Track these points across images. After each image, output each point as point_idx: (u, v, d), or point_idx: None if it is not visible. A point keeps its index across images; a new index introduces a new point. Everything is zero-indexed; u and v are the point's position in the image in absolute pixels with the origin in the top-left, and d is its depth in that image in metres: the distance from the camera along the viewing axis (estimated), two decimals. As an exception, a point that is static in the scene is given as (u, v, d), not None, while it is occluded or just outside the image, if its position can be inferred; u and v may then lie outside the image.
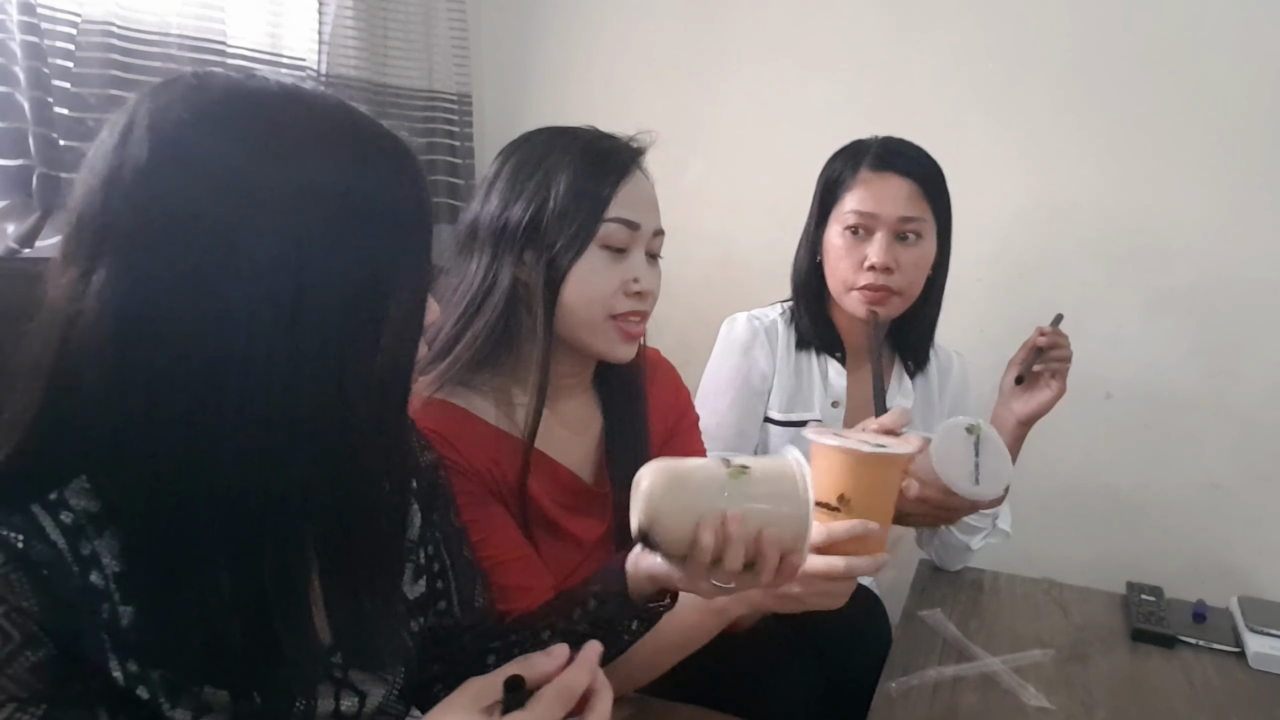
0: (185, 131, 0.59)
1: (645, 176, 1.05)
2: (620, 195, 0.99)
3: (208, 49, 1.47)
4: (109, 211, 0.58)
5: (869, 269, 1.32)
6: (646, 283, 1.02)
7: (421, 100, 1.90)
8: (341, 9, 1.72)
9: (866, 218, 1.33)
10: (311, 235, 0.59)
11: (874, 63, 1.85)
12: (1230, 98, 1.64)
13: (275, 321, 0.58)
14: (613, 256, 1.00)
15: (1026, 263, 1.80)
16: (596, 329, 1.01)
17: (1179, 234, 1.70)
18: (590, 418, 1.13)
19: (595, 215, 0.98)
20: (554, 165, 1.00)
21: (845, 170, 1.37)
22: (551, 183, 0.99)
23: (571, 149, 1.01)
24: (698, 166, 1.99)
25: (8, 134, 1.19)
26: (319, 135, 0.62)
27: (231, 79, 0.63)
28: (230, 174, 0.58)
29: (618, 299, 1.00)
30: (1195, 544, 1.72)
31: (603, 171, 1.00)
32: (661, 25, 1.99)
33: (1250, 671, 1.21)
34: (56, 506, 0.58)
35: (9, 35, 1.17)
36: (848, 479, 0.86)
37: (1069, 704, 1.08)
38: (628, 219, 0.99)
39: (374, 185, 0.63)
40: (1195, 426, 1.72)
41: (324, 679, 0.71)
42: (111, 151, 0.59)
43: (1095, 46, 1.71)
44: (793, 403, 1.43)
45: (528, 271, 1.00)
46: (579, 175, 0.99)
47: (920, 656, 1.18)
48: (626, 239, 1.00)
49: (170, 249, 0.57)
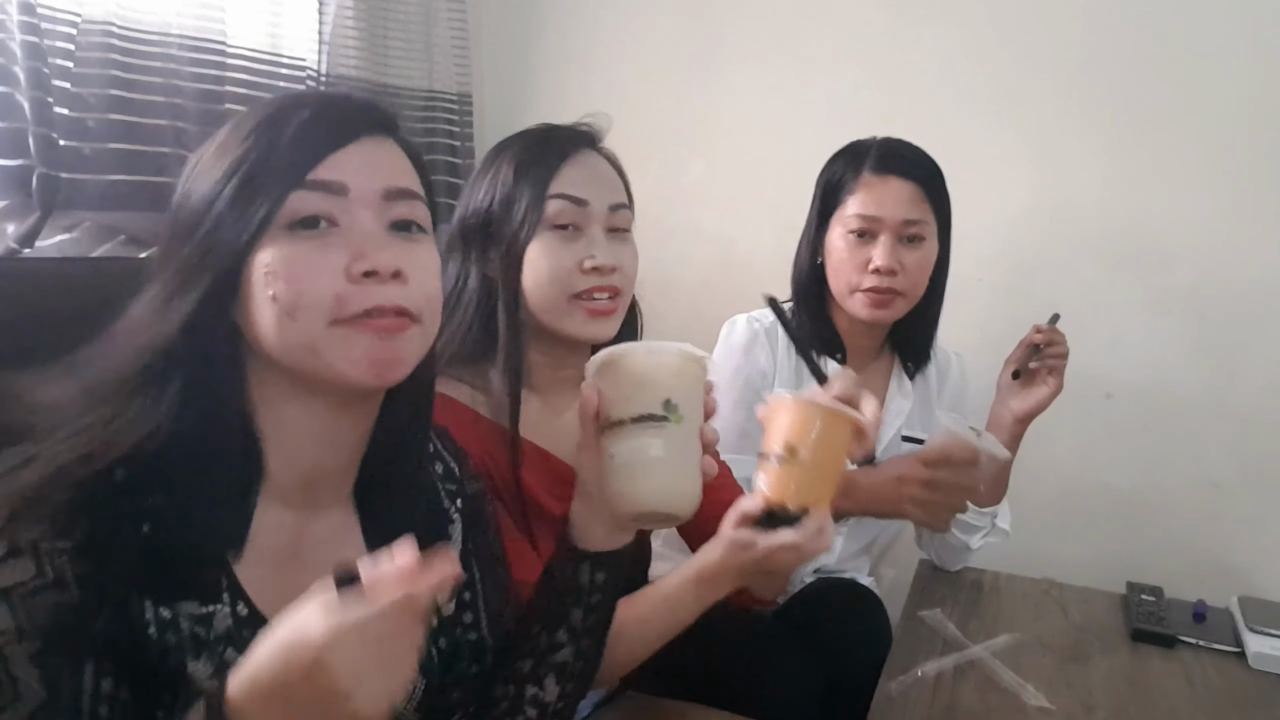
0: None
1: (599, 156, 1.06)
2: (563, 173, 1.01)
3: (208, 49, 1.47)
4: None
5: (873, 271, 1.32)
6: (604, 258, 1.01)
7: (421, 100, 1.90)
8: (341, 9, 1.71)
9: (870, 221, 1.33)
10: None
11: (874, 62, 1.85)
12: (1231, 98, 1.64)
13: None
14: (565, 235, 1.01)
15: (1026, 263, 1.80)
16: (561, 311, 1.01)
17: (1179, 234, 1.70)
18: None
19: (539, 196, 1.00)
20: (503, 158, 1.04)
21: (846, 173, 1.37)
22: (500, 174, 1.03)
23: (519, 141, 1.05)
24: (698, 166, 1.99)
25: (8, 134, 1.19)
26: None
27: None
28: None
29: (574, 277, 1.00)
30: (1195, 544, 1.72)
31: (543, 153, 1.02)
32: (661, 25, 1.99)
33: (1250, 671, 1.22)
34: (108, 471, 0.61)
35: (9, 35, 1.17)
36: (796, 429, 0.87)
37: (1069, 704, 1.08)
38: (572, 195, 1.00)
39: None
40: (1195, 426, 1.72)
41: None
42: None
43: (1095, 46, 1.71)
44: None
45: (492, 265, 1.03)
46: (522, 161, 1.02)
47: (920, 656, 1.18)
48: (575, 215, 1.01)
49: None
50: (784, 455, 0.87)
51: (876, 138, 1.39)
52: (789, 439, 0.87)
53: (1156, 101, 1.69)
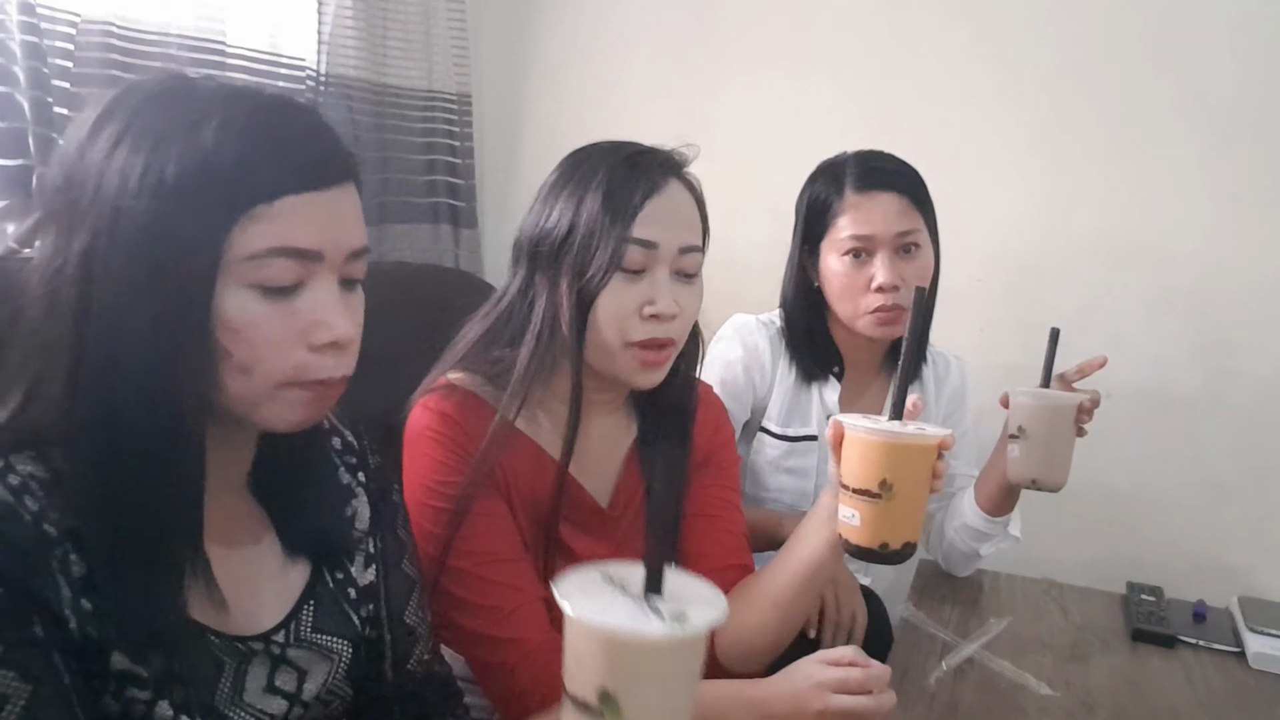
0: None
1: (684, 189, 1.00)
2: (646, 211, 0.95)
3: (207, 49, 1.48)
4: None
5: (877, 290, 1.31)
6: (665, 305, 0.95)
7: (421, 100, 1.90)
8: (341, 9, 1.71)
9: (864, 241, 1.31)
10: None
11: (874, 63, 1.85)
12: (1230, 98, 1.64)
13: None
14: (630, 278, 0.95)
15: (1026, 263, 1.80)
16: (615, 356, 0.97)
17: (1179, 234, 1.70)
18: (619, 438, 1.10)
19: (622, 238, 0.93)
20: (586, 182, 0.97)
21: (830, 194, 1.35)
22: (584, 201, 0.96)
23: (604, 164, 0.98)
24: (698, 166, 1.98)
25: (8, 134, 1.19)
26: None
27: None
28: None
29: (633, 324, 0.95)
30: (1195, 544, 1.72)
31: (631, 187, 0.95)
32: (661, 25, 1.99)
33: (1250, 671, 1.21)
34: (3, 472, 0.60)
35: (9, 35, 1.17)
36: (890, 465, 0.85)
37: (1069, 703, 1.08)
38: (644, 239, 0.94)
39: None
40: (1195, 426, 1.72)
41: (258, 655, 0.71)
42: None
43: (1095, 47, 1.71)
44: (789, 417, 1.42)
45: (561, 296, 0.97)
46: (609, 192, 0.95)
47: (920, 656, 1.18)
48: (643, 259, 0.95)
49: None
50: (879, 492, 0.85)
51: (849, 153, 1.37)
52: (884, 475, 0.86)
53: (1156, 102, 1.69)
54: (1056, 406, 1.22)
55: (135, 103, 0.63)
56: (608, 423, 1.09)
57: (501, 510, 0.99)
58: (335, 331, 0.66)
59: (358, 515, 0.84)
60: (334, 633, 0.78)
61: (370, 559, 0.84)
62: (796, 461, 1.43)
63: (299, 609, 0.76)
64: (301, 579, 0.77)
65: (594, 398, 1.04)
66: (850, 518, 0.86)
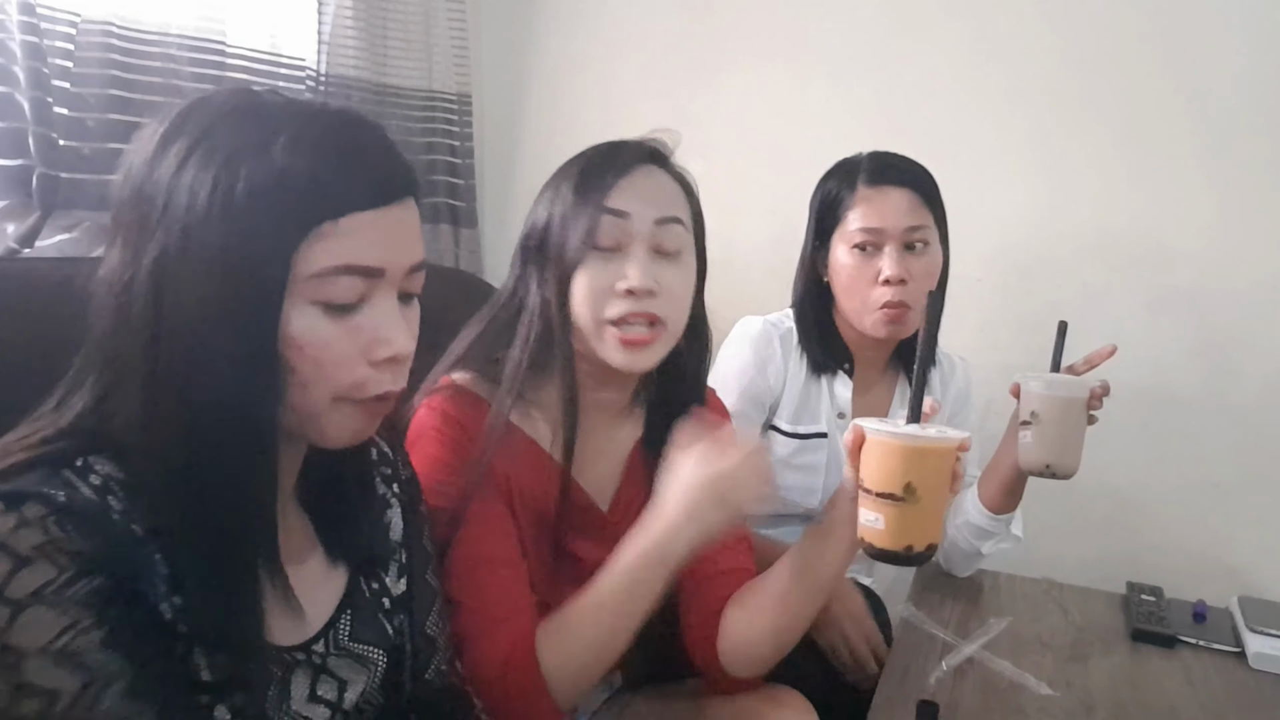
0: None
1: (664, 173, 1.01)
2: (616, 188, 0.95)
3: (207, 49, 1.47)
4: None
5: (884, 283, 1.32)
6: (639, 279, 0.93)
7: (421, 100, 1.90)
8: (341, 9, 1.71)
9: (873, 233, 1.33)
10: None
11: (874, 62, 1.85)
12: (1230, 98, 1.64)
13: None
14: (605, 255, 0.94)
15: (1026, 263, 1.80)
16: (595, 336, 0.96)
17: (1179, 234, 1.70)
18: (621, 441, 1.09)
19: (593, 214, 0.94)
20: (567, 174, 0.99)
21: (842, 189, 1.37)
22: (560, 191, 0.98)
23: (583, 157, 0.99)
24: (698, 166, 1.98)
25: (8, 134, 1.19)
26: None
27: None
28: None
29: (608, 301, 0.94)
30: (1195, 544, 1.72)
31: (603, 170, 0.97)
32: (661, 25, 1.99)
33: (1250, 671, 1.21)
34: (84, 471, 0.61)
35: (9, 35, 1.17)
36: (914, 468, 0.86)
37: (1069, 703, 1.08)
38: (615, 208, 0.94)
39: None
40: (1195, 426, 1.72)
41: (301, 665, 0.72)
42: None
43: (1095, 47, 1.71)
44: (799, 415, 1.43)
45: (548, 287, 0.97)
46: (581, 178, 0.97)
47: (920, 656, 1.18)
48: (616, 233, 0.94)
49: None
50: (904, 495, 0.86)
51: (864, 153, 1.39)
52: (909, 479, 0.86)
53: (1157, 101, 1.68)
54: (1069, 391, 1.22)
55: (203, 118, 0.63)
56: (612, 424, 1.09)
57: (500, 513, 0.98)
58: (395, 347, 0.66)
59: (392, 525, 0.84)
60: (371, 642, 0.78)
61: (402, 570, 0.84)
62: (806, 459, 1.43)
63: (337, 618, 0.76)
64: (339, 588, 0.78)
65: (595, 396, 1.03)
66: (874, 521, 0.86)
